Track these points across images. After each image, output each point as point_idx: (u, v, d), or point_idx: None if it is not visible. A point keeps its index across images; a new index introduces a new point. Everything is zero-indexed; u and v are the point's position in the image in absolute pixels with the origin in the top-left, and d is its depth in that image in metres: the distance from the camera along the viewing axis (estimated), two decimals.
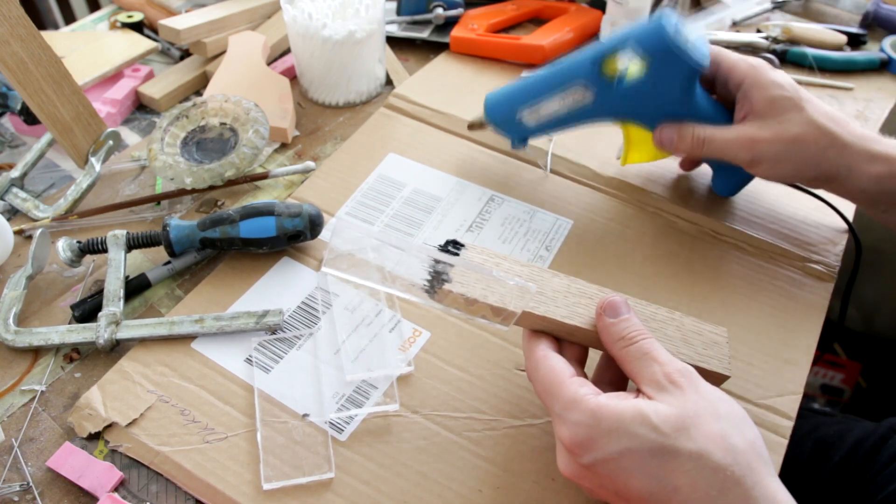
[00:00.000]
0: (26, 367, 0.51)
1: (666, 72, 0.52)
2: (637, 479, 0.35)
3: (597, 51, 0.54)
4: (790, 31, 0.84)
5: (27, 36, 0.58)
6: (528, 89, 0.58)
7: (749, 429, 0.37)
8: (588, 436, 0.36)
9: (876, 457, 0.60)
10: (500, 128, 0.61)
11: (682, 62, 0.51)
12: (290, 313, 0.53)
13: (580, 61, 0.54)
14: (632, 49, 0.52)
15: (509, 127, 0.60)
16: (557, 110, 0.57)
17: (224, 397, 0.48)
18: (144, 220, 0.62)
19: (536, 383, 0.40)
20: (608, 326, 0.41)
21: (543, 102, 0.57)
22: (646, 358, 0.39)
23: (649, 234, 0.60)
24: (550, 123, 0.58)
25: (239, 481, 0.44)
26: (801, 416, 0.64)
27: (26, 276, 0.54)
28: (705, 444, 0.35)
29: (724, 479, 0.34)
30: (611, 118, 0.57)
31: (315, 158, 0.68)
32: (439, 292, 0.40)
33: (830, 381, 1.20)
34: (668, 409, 0.36)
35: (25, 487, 0.44)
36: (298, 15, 0.68)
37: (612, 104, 0.55)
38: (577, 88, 0.55)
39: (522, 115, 0.58)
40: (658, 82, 0.53)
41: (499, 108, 0.60)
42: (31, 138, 0.70)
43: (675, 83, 0.53)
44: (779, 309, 0.55)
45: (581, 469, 0.37)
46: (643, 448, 0.35)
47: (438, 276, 0.40)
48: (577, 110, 0.56)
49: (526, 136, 0.61)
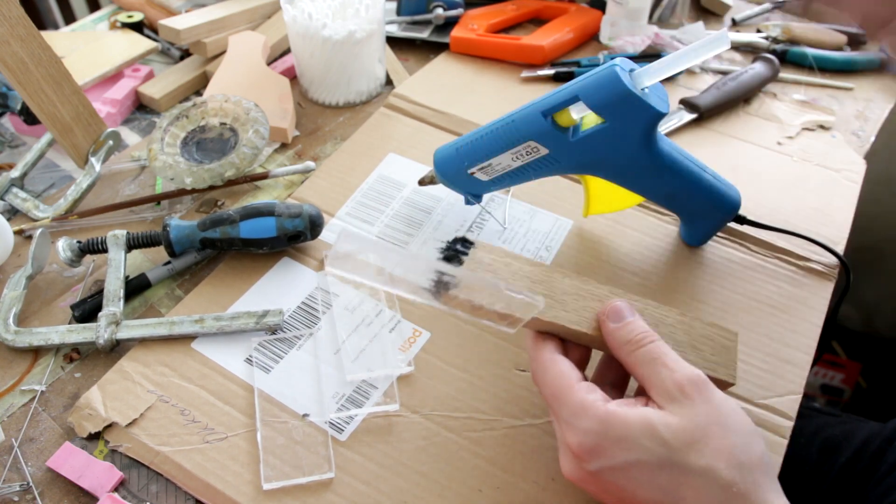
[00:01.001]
0: (26, 367, 0.51)
1: (624, 121, 0.48)
2: (644, 491, 0.35)
3: (548, 103, 0.49)
4: (790, 31, 0.84)
5: (27, 36, 0.58)
6: (478, 146, 0.53)
7: (757, 443, 0.37)
8: (596, 443, 0.36)
9: (882, 458, 0.60)
10: (452, 184, 0.57)
11: (642, 110, 0.47)
12: (290, 313, 0.53)
13: (531, 114, 0.50)
14: (585, 100, 0.47)
15: (461, 183, 0.56)
16: (510, 165, 0.52)
17: (224, 397, 0.48)
18: (144, 220, 0.62)
19: (543, 387, 0.40)
20: (613, 331, 0.40)
21: (495, 158, 0.52)
22: (655, 363, 0.38)
23: (649, 233, 0.60)
24: (504, 179, 0.54)
25: (239, 481, 0.44)
26: (805, 415, 0.64)
27: (26, 276, 0.54)
28: (714, 459, 0.35)
29: (731, 494, 0.35)
30: (568, 170, 0.52)
31: (315, 158, 0.68)
32: (444, 296, 0.39)
33: (830, 381, 1.20)
34: (677, 423, 0.36)
35: (25, 487, 0.44)
36: (298, 15, 0.68)
37: (569, 157, 0.51)
38: (530, 142, 0.50)
39: (475, 171, 0.54)
40: (616, 132, 0.48)
41: (449, 165, 0.55)
42: (31, 138, 0.70)
43: (635, 132, 0.48)
44: (779, 309, 0.55)
45: (586, 475, 0.37)
46: (651, 461, 0.35)
47: (444, 281, 0.39)
48: (531, 164, 0.52)
49: (480, 193, 0.57)
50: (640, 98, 0.46)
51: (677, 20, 0.89)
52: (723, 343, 0.45)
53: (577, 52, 0.82)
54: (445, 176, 0.56)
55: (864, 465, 0.60)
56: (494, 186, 0.55)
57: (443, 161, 0.56)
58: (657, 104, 0.47)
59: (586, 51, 0.83)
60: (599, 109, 0.47)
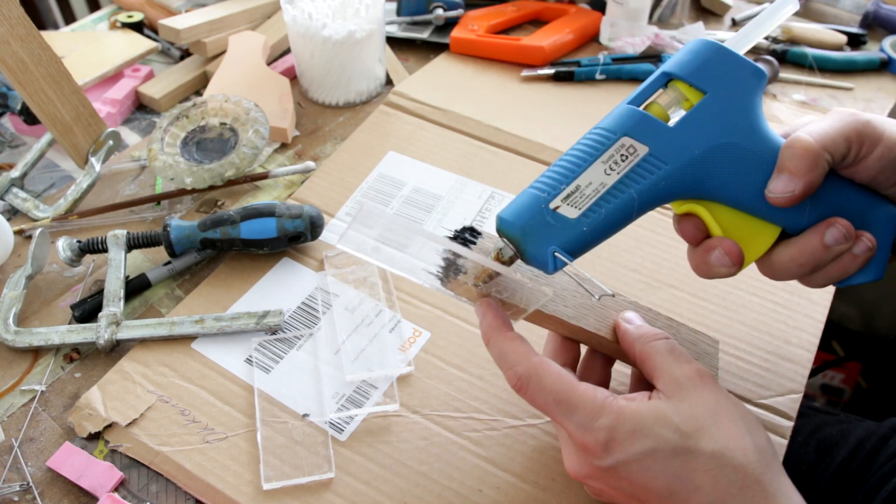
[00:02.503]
0: (26, 367, 0.51)
1: (726, 85, 0.40)
2: (659, 480, 0.36)
3: (635, 93, 0.41)
4: (790, 31, 0.84)
5: (27, 36, 0.58)
6: (558, 167, 0.39)
7: (761, 431, 0.37)
8: (611, 438, 0.36)
9: (877, 457, 0.60)
10: (531, 239, 0.38)
11: (740, 67, 0.40)
12: (290, 314, 0.53)
13: (618, 111, 0.40)
14: (678, 71, 0.40)
15: (543, 233, 0.38)
16: (604, 183, 0.39)
17: (224, 397, 0.48)
18: (144, 220, 0.62)
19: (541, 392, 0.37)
20: (629, 329, 0.41)
21: (583, 175, 0.39)
22: (670, 354, 0.39)
23: (651, 231, 0.60)
24: (600, 208, 0.39)
25: (239, 481, 0.44)
26: (803, 414, 0.64)
27: (26, 276, 0.54)
28: (726, 443, 0.35)
29: (744, 477, 0.35)
30: (677, 183, 0.40)
31: (315, 158, 0.68)
32: (452, 282, 0.39)
33: (830, 381, 1.20)
34: (687, 408, 0.36)
35: (25, 487, 0.44)
36: (298, 15, 0.68)
37: (674, 151, 0.39)
38: (623, 140, 0.39)
39: (558, 204, 0.38)
40: (720, 102, 0.40)
41: (522, 210, 0.39)
42: (31, 138, 0.70)
43: (739, 97, 0.40)
44: (781, 305, 0.55)
45: (597, 471, 0.37)
46: (666, 448, 0.35)
47: (453, 265, 0.38)
48: (631, 176, 0.39)
49: (570, 245, 0.39)
50: (736, 53, 0.40)
51: (677, 20, 0.89)
52: (705, 349, 0.46)
53: (577, 52, 0.82)
54: (520, 228, 0.38)
55: (859, 464, 0.60)
56: (589, 229, 0.39)
57: (514, 210, 0.39)
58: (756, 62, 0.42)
59: (586, 52, 0.83)
60: (696, 76, 0.40)
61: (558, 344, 0.43)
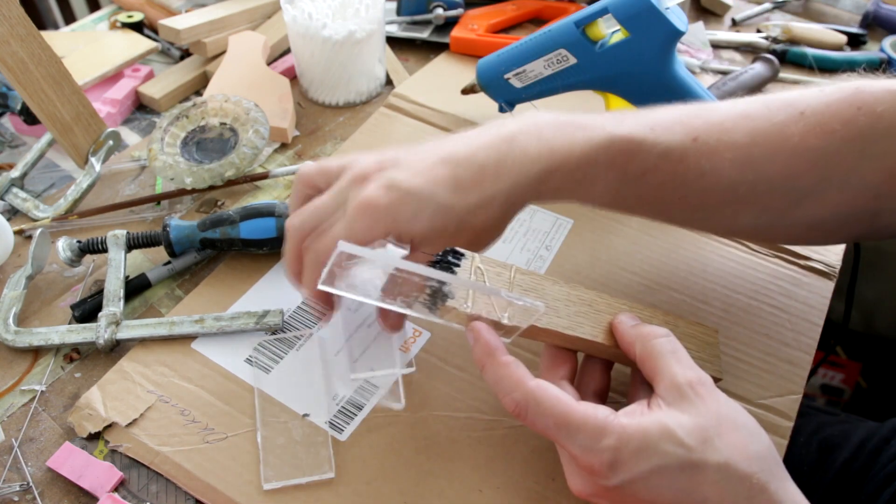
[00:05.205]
0: (26, 367, 0.51)
1: (646, 34, 0.55)
2: (666, 496, 0.35)
3: (581, 14, 0.57)
4: (790, 31, 0.84)
5: (27, 36, 0.58)
6: (516, 52, 0.61)
7: (764, 436, 0.37)
8: (616, 458, 0.35)
9: (878, 457, 0.60)
10: (490, 90, 0.64)
11: (661, 24, 0.54)
12: (290, 314, 0.53)
13: (565, 24, 0.57)
14: (613, 11, 0.55)
15: (498, 89, 0.63)
16: (542, 72, 0.60)
17: (224, 397, 0.48)
18: (144, 220, 0.62)
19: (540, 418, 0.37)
20: (628, 329, 0.41)
21: (529, 64, 0.60)
22: (671, 355, 0.39)
23: (649, 233, 0.60)
24: (535, 87, 0.61)
25: (239, 481, 0.44)
26: (804, 414, 0.64)
27: (26, 276, 0.54)
28: (730, 454, 0.35)
29: (751, 486, 0.35)
30: (592, 83, 0.60)
31: (315, 158, 0.68)
32: (441, 308, 0.39)
33: (830, 381, 1.20)
34: (690, 421, 0.36)
35: (25, 487, 0.44)
36: (298, 15, 0.68)
37: (594, 67, 0.58)
38: (561, 50, 0.58)
39: (510, 77, 0.61)
40: (638, 45, 0.55)
41: (489, 70, 0.63)
42: (31, 138, 0.70)
43: (654, 46, 0.55)
44: (779, 308, 0.55)
45: (603, 490, 0.37)
46: (672, 465, 0.35)
47: (440, 292, 0.38)
48: (560, 74, 0.59)
49: (513, 100, 0.64)
50: (661, 13, 0.54)
51: None
52: (706, 340, 0.46)
53: None
54: (485, 82, 0.64)
55: (861, 465, 0.60)
56: (525, 94, 0.62)
57: (484, 67, 0.64)
58: (676, 23, 0.54)
59: None
60: (625, 20, 0.55)
61: (555, 355, 0.43)
